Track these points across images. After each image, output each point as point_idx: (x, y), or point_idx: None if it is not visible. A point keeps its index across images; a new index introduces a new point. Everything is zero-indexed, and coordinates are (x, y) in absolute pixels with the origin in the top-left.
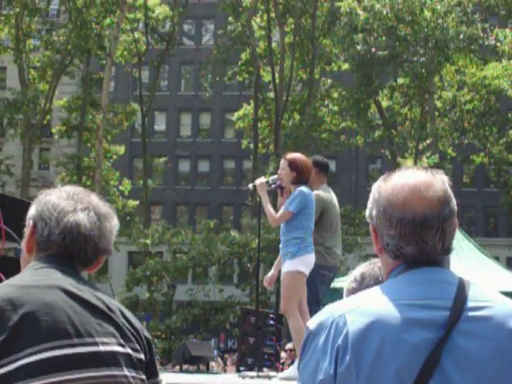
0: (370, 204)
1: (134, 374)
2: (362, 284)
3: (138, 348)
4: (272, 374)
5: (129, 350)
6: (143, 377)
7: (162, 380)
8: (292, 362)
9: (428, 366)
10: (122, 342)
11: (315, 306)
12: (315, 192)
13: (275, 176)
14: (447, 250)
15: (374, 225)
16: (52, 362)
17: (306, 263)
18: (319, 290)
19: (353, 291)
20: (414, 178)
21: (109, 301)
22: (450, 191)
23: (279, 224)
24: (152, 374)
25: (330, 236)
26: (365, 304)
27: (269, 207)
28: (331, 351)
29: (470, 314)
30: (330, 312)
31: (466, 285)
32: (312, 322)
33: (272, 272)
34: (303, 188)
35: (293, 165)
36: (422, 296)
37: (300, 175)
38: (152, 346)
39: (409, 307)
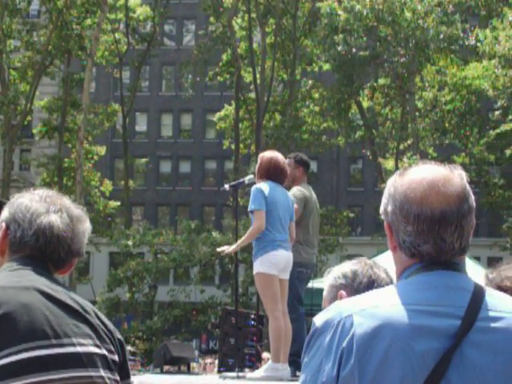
0: (384, 199)
1: (109, 375)
2: (355, 281)
3: (113, 349)
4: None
5: (104, 352)
6: (117, 378)
7: (133, 382)
8: None
9: (433, 376)
10: (98, 343)
11: (297, 304)
12: (297, 187)
13: (251, 176)
14: (464, 250)
15: (389, 221)
16: (30, 363)
17: (265, 263)
18: (299, 289)
19: (342, 288)
20: (431, 173)
21: (84, 302)
22: (468, 187)
23: (260, 226)
24: (124, 375)
25: (306, 232)
26: (374, 306)
27: (242, 239)
28: (335, 353)
29: (483, 324)
30: (337, 310)
31: (481, 292)
32: (318, 319)
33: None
34: (257, 185)
35: (259, 161)
36: (435, 302)
37: (261, 172)
38: (124, 348)
39: (419, 313)
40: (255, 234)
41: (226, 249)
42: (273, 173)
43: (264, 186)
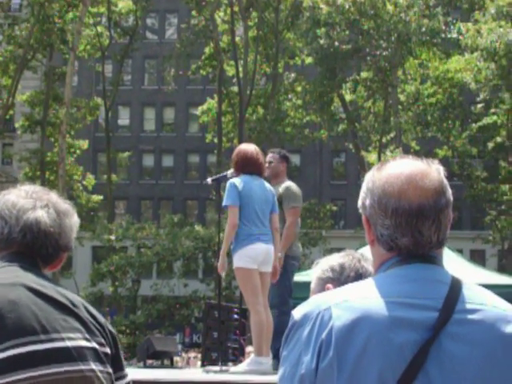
0: (362, 193)
1: (100, 368)
2: (342, 275)
3: (104, 342)
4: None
5: (95, 345)
6: (110, 370)
7: (128, 374)
8: None
9: (412, 368)
10: (88, 337)
11: (287, 297)
12: (290, 183)
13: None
14: (441, 243)
15: (367, 215)
16: (19, 359)
17: (242, 257)
18: (291, 281)
19: (329, 281)
20: (409, 167)
21: (72, 297)
22: (445, 181)
23: (232, 222)
24: (118, 367)
25: (296, 226)
26: (353, 298)
27: (223, 243)
28: (314, 345)
29: (460, 316)
30: (316, 303)
31: (458, 285)
32: (297, 312)
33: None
34: (231, 180)
35: (232, 156)
36: (413, 294)
37: (234, 166)
38: (117, 340)
39: (398, 306)
40: (231, 230)
41: (221, 266)
42: (244, 166)
43: (238, 181)
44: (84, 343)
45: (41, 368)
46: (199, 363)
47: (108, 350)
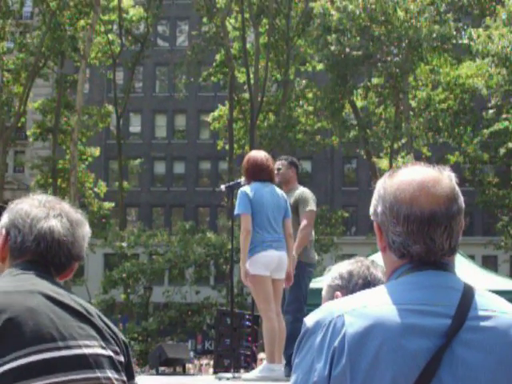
0: (374, 200)
1: (116, 376)
2: (350, 282)
3: (118, 350)
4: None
5: (110, 353)
6: (124, 378)
7: (138, 383)
8: None
9: (425, 375)
10: (104, 345)
11: (303, 304)
12: (304, 189)
13: None
14: (453, 250)
15: (379, 222)
16: (37, 366)
17: (255, 264)
18: (307, 288)
19: (338, 288)
20: (421, 174)
21: (86, 305)
22: (457, 188)
23: (245, 230)
24: (130, 376)
25: (311, 233)
26: (365, 306)
27: (241, 252)
28: (327, 352)
29: (473, 323)
30: (328, 310)
31: (470, 292)
32: (309, 319)
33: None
34: (242, 188)
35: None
36: (425, 301)
37: (245, 174)
38: (129, 349)
39: (410, 313)
40: (245, 238)
41: (243, 276)
42: (254, 173)
43: (248, 189)
44: (100, 351)
45: (58, 375)
46: (211, 370)
47: (122, 359)
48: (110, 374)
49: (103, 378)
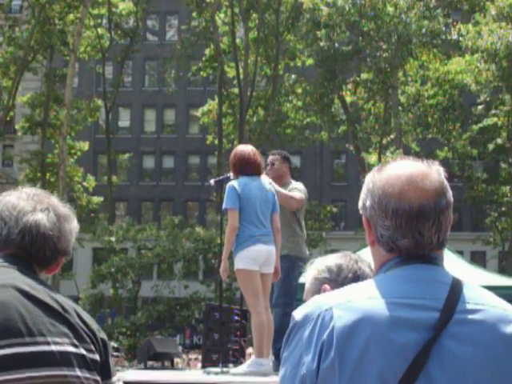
0: (363, 195)
1: (87, 375)
2: (339, 276)
3: (93, 349)
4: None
5: (82, 351)
6: (97, 378)
7: (117, 381)
8: None
9: (413, 368)
10: (76, 343)
11: (292, 298)
12: (297, 183)
13: None
14: (442, 244)
15: (368, 216)
16: (2, 361)
17: (243, 259)
18: (297, 282)
19: (326, 281)
20: (409, 168)
21: (64, 301)
22: (446, 182)
23: (232, 225)
24: (106, 375)
25: (302, 227)
26: (354, 299)
27: (225, 247)
28: (315, 345)
29: (461, 316)
30: (317, 304)
31: (459, 285)
32: (298, 313)
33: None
34: (230, 182)
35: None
36: (414, 295)
37: (232, 169)
38: (108, 348)
39: (399, 306)
40: (231, 234)
41: (223, 271)
42: (241, 167)
43: (236, 183)
44: (71, 349)
45: (24, 371)
46: (200, 365)
47: (97, 357)
48: (80, 372)
49: (71, 376)
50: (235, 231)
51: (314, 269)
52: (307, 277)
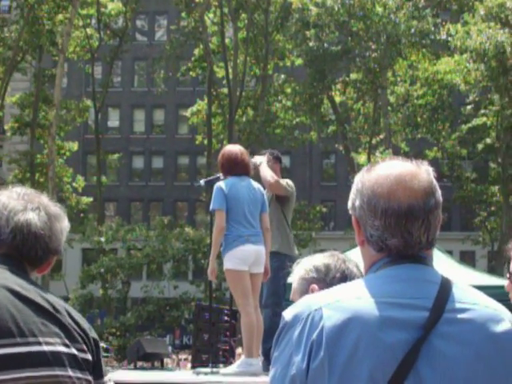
0: (352, 195)
1: (78, 375)
2: (327, 275)
3: (85, 348)
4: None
5: (74, 351)
6: (89, 377)
7: (108, 381)
8: None
9: (403, 367)
10: (67, 343)
11: (282, 298)
12: (286, 180)
13: None
14: (431, 244)
15: (357, 216)
16: None
17: (232, 259)
18: (286, 282)
19: (314, 281)
20: (398, 168)
21: (55, 301)
22: (435, 182)
23: (219, 226)
24: (98, 375)
25: (290, 226)
26: (343, 299)
27: (212, 248)
28: (305, 345)
29: (450, 315)
30: (306, 304)
31: (448, 285)
32: (288, 313)
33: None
34: (218, 183)
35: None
36: (403, 294)
37: (221, 169)
38: (99, 348)
39: (388, 306)
40: (218, 235)
41: (210, 272)
42: (230, 167)
43: (224, 184)
44: (62, 349)
45: (14, 371)
46: (189, 365)
47: (89, 357)
48: (72, 372)
49: (62, 376)
50: (222, 232)
51: (301, 269)
52: (294, 277)
